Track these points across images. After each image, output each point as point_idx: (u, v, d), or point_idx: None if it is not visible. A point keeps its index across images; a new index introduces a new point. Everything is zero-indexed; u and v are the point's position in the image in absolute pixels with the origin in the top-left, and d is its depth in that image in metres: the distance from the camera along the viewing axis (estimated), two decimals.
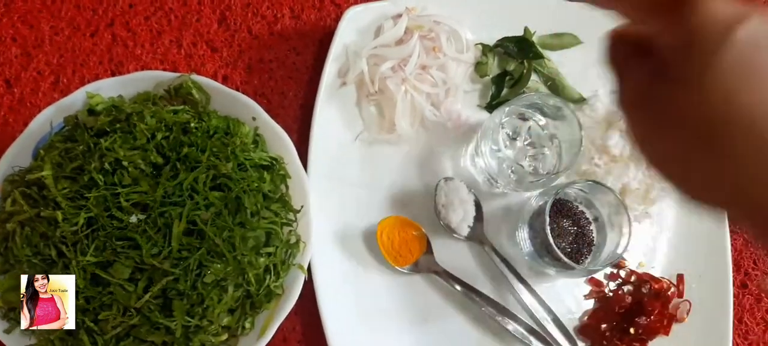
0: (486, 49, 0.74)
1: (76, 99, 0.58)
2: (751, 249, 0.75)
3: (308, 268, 0.60)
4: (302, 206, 0.60)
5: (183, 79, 0.60)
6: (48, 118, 0.58)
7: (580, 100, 0.73)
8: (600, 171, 0.69)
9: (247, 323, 0.56)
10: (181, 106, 0.59)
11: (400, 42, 0.71)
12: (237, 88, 0.74)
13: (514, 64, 0.73)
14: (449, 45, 0.72)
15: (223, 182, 0.55)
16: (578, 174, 0.71)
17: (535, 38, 0.74)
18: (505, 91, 0.73)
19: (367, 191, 0.69)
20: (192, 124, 0.56)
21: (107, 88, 0.60)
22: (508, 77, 0.73)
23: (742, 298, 0.73)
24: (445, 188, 0.69)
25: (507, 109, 0.67)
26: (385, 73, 0.70)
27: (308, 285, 0.61)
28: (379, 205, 0.68)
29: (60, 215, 0.50)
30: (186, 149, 0.53)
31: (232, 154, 0.56)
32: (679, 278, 0.70)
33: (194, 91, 0.60)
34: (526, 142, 0.70)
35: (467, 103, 0.73)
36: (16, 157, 0.57)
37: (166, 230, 0.50)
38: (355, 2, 0.78)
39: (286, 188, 0.61)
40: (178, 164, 0.53)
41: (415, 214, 0.69)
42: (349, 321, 0.64)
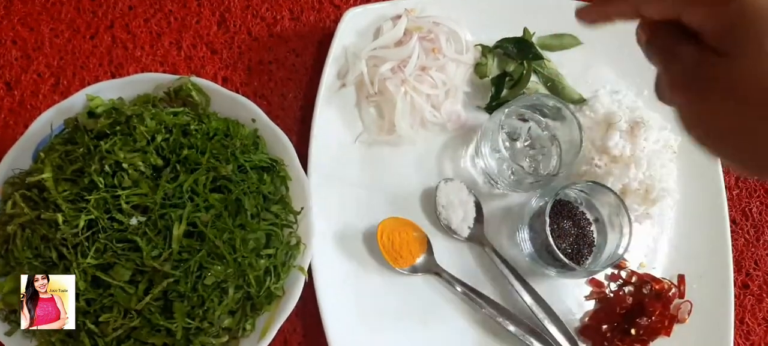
0: (485, 50, 0.74)
1: (76, 101, 0.59)
2: (752, 249, 0.75)
3: (309, 269, 0.60)
4: (302, 208, 0.60)
5: (183, 81, 0.60)
6: (48, 121, 0.58)
7: (580, 101, 0.73)
8: (600, 172, 0.69)
9: (248, 324, 0.56)
10: (181, 108, 0.59)
11: (399, 43, 0.71)
12: (237, 89, 0.74)
13: (513, 65, 0.73)
14: (449, 46, 0.72)
15: (223, 184, 0.55)
16: (578, 175, 0.71)
17: (534, 39, 0.74)
18: (504, 92, 0.73)
19: (367, 192, 0.69)
20: (192, 126, 0.56)
21: (107, 91, 0.60)
22: (507, 78, 0.73)
23: (743, 298, 0.73)
24: (446, 189, 0.69)
25: (507, 111, 0.67)
26: (385, 75, 0.70)
27: (309, 287, 0.61)
28: (379, 206, 0.68)
29: (60, 218, 0.50)
30: (186, 151, 0.54)
31: (232, 156, 0.56)
32: (680, 278, 0.70)
33: (194, 93, 0.60)
34: (526, 143, 0.70)
35: (467, 105, 0.74)
36: (16, 159, 0.57)
37: (166, 232, 0.50)
38: (355, 4, 0.78)
39: (287, 189, 0.62)
40: (178, 166, 0.53)
41: (415, 215, 0.69)
42: (350, 322, 0.64)
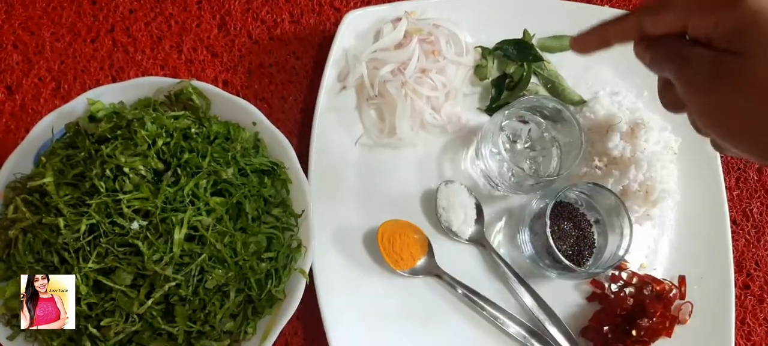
0: (485, 52, 0.74)
1: (77, 105, 0.59)
2: (753, 250, 0.75)
3: (310, 272, 0.60)
4: (303, 211, 0.60)
5: (183, 85, 0.60)
6: (49, 125, 0.58)
7: (580, 103, 0.73)
8: (600, 173, 0.69)
9: (249, 328, 0.56)
10: (182, 112, 0.59)
11: (399, 46, 0.71)
12: (237, 93, 0.74)
13: (513, 67, 0.73)
14: (449, 48, 0.72)
15: (224, 188, 0.55)
16: (579, 176, 0.71)
17: (534, 41, 0.74)
18: (504, 94, 0.73)
19: (367, 194, 0.69)
20: (193, 130, 0.56)
21: (108, 95, 0.60)
22: (507, 80, 0.73)
23: (744, 299, 0.73)
24: (446, 190, 0.69)
25: (507, 112, 0.67)
26: (385, 77, 0.70)
27: (310, 289, 0.62)
28: (379, 208, 0.68)
29: (62, 222, 0.50)
30: (187, 155, 0.54)
31: (233, 160, 0.56)
32: (681, 279, 0.70)
33: (195, 97, 0.60)
34: (526, 145, 0.70)
35: (467, 106, 0.74)
36: (17, 163, 0.57)
37: (167, 236, 0.50)
38: (354, 6, 0.78)
39: (287, 192, 0.62)
40: (179, 170, 0.53)
41: (416, 217, 0.69)
42: (351, 325, 0.64)
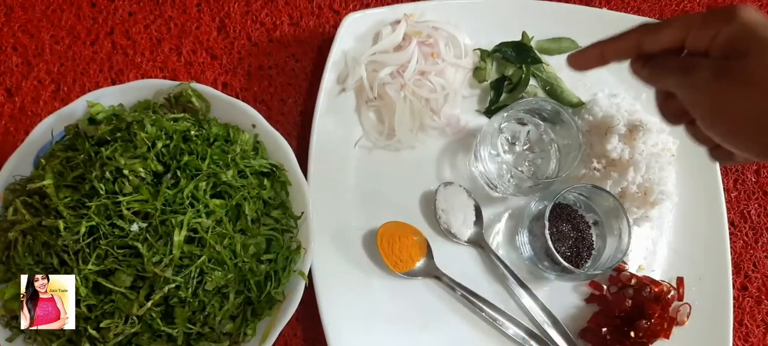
0: (484, 55, 0.74)
1: (76, 108, 0.59)
2: (751, 251, 0.75)
3: (309, 274, 0.60)
4: (302, 213, 0.60)
5: (183, 87, 0.60)
6: (49, 127, 0.58)
7: (579, 105, 0.74)
8: (599, 175, 0.70)
9: (249, 329, 0.56)
10: (181, 115, 0.59)
11: (398, 48, 0.72)
12: (236, 95, 0.74)
13: (512, 69, 0.74)
14: (448, 50, 0.73)
15: (224, 190, 0.55)
16: (577, 178, 0.71)
17: (533, 43, 0.75)
18: (503, 96, 0.74)
19: (366, 196, 0.70)
20: (192, 132, 0.56)
21: (107, 97, 0.60)
22: (506, 82, 0.73)
23: (742, 300, 0.74)
24: (445, 192, 0.69)
25: (506, 114, 0.67)
26: (384, 79, 0.70)
27: (309, 291, 0.62)
28: (379, 210, 0.68)
29: (61, 224, 0.50)
30: (186, 157, 0.54)
31: (233, 162, 0.56)
32: (679, 281, 0.70)
33: (194, 99, 0.60)
34: (525, 147, 0.71)
35: (466, 109, 0.74)
36: (17, 166, 0.57)
37: (167, 238, 0.50)
38: (354, 9, 0.78)
39: (287, 194, 0.62)
40: (179, 172, 0.53)
41: (415, 219, 0.69)
42: (350, 327, 0.64)
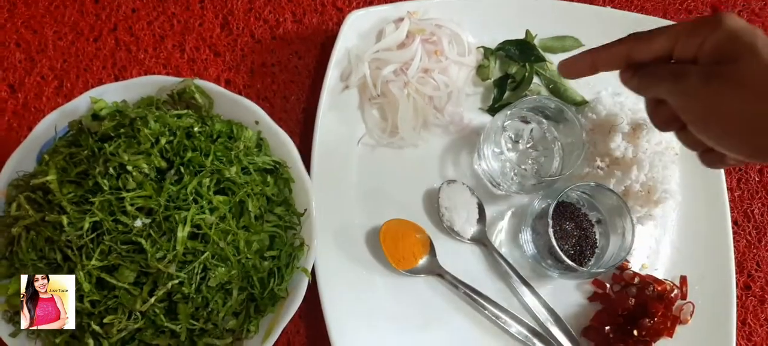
0: (488, 53, 0.74)
1: (80, 104, 0.59)
2: (754, 251, 0.75)
3: (312, 271, 0.60)
4: (306, 210, 0.60)
5: (186, 84, 0.60)
6: (52, 123, 0.58)
7: (582, 103, 0.74)
8: (602, 174, 0.69)
9: (252, 326, 0.56)
10: (185, 111, 0.59)
11: (402, 46, 0.71)
12: (240, 92, 0.74)
13: (515, 67, 0.74)
14: (451, 48, 0.72)
15: (227, 186, 0.55)
16: (580, 177, 0.71)
17: (536, 41, 0.75)
18: (507, 94, 0.73)
19: (369, 194, 0.70)
20: (195, 129, 0.56)
21: (111, 93, 0.60)
22: (509, 80, 0.73)
23: (745, 299, 0.73)
24: (448, 190, 0.69)
25: (509, 112, 0.67)
26: (388, 77, 0.70)
27: (312, 288, 0.62)
28: (382, 208, 0.68)
29: (65, 220, 0.50)
30: (190, 154, 0.54)
31: (236, 158, 0.56)
32: (682, 279, 0.70)
33: (197, 96, 0.60)
34: (529, 145, 0.71)
35: (469, 107, 0.74)
36: (20, 161, 0.57)
37: (170, 234, 0.50)
38: (357, 6, 0.78)
39: (290, 191, 0.62)
40: (182, 169, 0.53)
41: (418, 216, 0.69)
42: (353, 324, 0.64)
